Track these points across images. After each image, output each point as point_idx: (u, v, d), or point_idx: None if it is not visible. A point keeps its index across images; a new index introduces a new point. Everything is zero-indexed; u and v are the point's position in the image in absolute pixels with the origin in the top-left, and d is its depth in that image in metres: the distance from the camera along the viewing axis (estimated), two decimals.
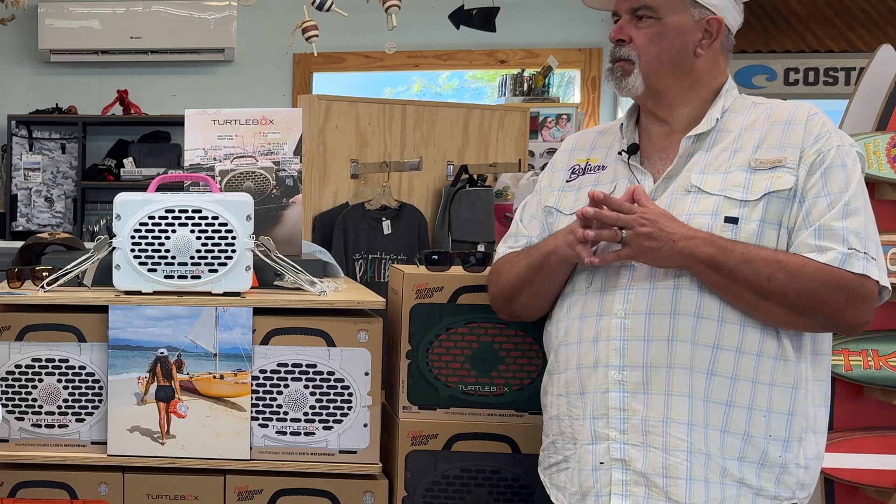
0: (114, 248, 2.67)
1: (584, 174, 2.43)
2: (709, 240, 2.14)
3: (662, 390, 2.20)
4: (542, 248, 2.36)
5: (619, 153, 2.39)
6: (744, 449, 2.19)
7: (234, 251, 2.62)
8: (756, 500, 2.21)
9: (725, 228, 2.18)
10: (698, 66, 2.30)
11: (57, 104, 7.98)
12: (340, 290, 2.77)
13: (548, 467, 2.44)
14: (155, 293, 2.64)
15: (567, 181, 2.46)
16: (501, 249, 2.54)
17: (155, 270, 2.63)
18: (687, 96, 2.32)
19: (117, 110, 7.92)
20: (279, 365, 2.62)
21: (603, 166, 2.42)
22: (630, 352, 2.22)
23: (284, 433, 2.64)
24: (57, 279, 2.74)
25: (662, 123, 2.36)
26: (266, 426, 2.63)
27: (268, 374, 2.63)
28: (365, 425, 2.62)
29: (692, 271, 2.18)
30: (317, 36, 5.30)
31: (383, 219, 5.08)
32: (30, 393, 2.72)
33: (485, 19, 6.61)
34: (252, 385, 2.62)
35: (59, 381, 2.70)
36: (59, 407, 2.71)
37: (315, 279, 2.71)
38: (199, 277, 2.62)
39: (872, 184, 3.33)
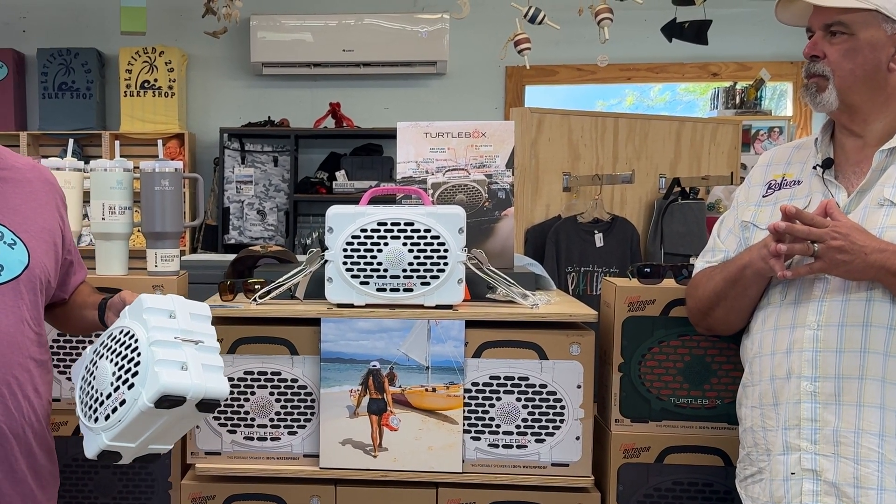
0: (326, 261, 3.35)
1: (779, 189, 3.04)
2: None
3: (854, 401, 2.77)
4: (737, 262, 3.00)
5: (814, 168, 2.99)
6: None
7: (446, 264, 3.29)
8: None
9: None
10: (892, 80, 2.87)
11: (269, 117, 9.17)
12: (553, 303, 3.46)
13: (743, 479, 3.08)
14: (367, 306, 3.33)
15: (763, 196, 3.09)
16: (699, 264, 3.19)
17: (367, 283, 3.31)
18: (881, 111, 2.89)
19: (329, 123, 9.05)
20: (491, 377, 3.30)
21: (798, 181, 3.02)
22: (822, 363, 2.81)
23: (497, 446, 3.31)
24: (269, 292, 3.45)
25: (856, 138, 2.95)
26: (478, 439, 3.32)
27: (480, 387, 3.31)
28: (577, 438, 3.28)
29: (884, 283, 2.75)
30: (529, 48, 6.03)
31: (595, 231, 5.96)
32: (242, 406, 3.41)
33: (697, 32, 7.25)
34: (464, 398, 3.30)
35: (272, 393, 3.39)
36: (272, 420, 3.40)
37: (527, 292, 3.40)
38: (411, 290, 3.30)
39: None
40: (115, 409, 2.82)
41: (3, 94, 9.19)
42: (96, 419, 2.88)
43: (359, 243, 3.30)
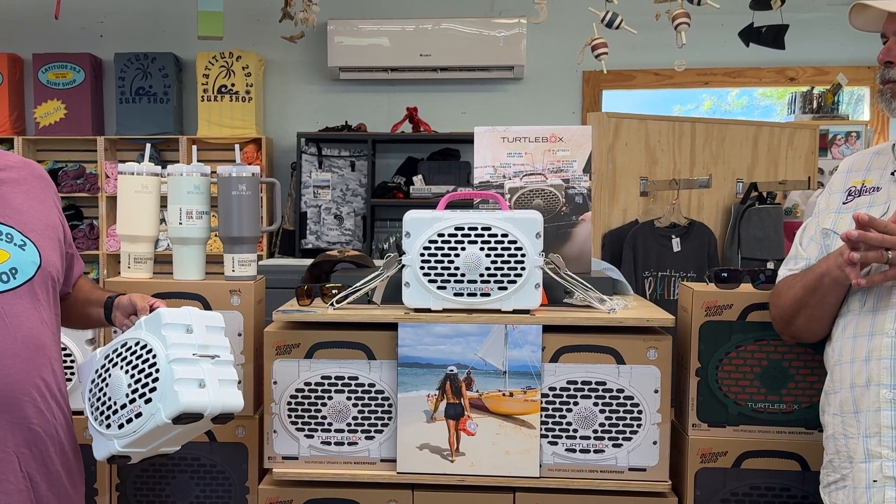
0: (403, 266, 3.41)
1: (859, 196, 3.07)
2: None
3: None
4: (815, 271, 3.03)
5: (892, 174, 3.01)
6: None
7: (523, 269, 3.34)
8: None
9: None
10: None
11: (346, 121, 9.29)
12: (630, 308, 3.52)
13: (826, 485, 3.10)
14: (444, 311, 3.39)
15: (843, 203, 3.11)
16: (782, 272, 3.23)
17: (444, 288, 3.38)
18: None
19: (406, 127, 9.15)
20: (568, 382, 3.36)
21: (877, 187, 3.04)
22: None
23: (574, 451, 3.37)
24: (346, 297, 3.52)
25: None
26: (555, 444, 3.37)
27: (557, 392, 3.36)
28: (654, 443, 3.33)
29: None
30: (606, 53, 6.08)
31: (673, 236, 6.01)
32: (319, 410, 3.47)
33: (774, 37, 7.26)
34: (541, 402, 3.36)
35: (349, 398, 3.46)
36: (349, 424, 3.47)
37: (604, 296, 3.46)
38: (488, 295, 3.36)
39: None
40: (129, 420, 2.93)
41: (81, 99, 9.34)
42: (108, 426, 2.98)
43: (436, 248, 3.36)
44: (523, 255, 3.33)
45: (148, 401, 2.90)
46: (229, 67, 9.04)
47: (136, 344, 3.00)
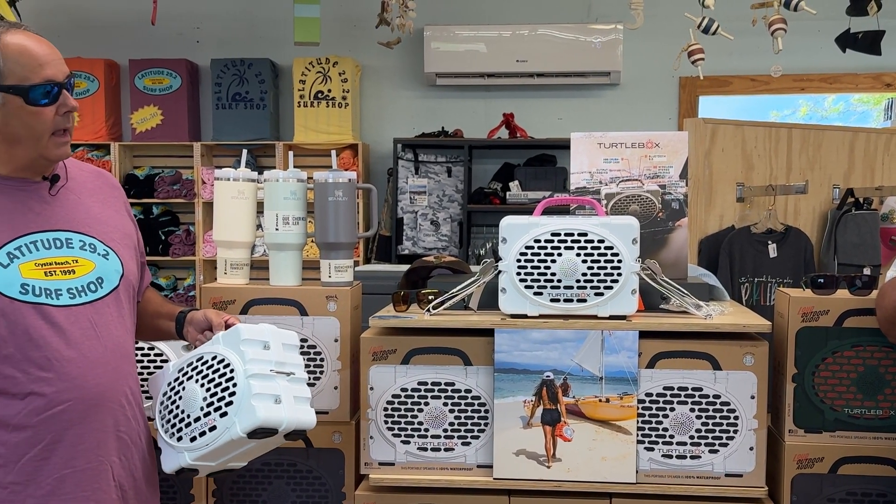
0: (499, 272, 3.47)
1: None
2: None
3: None
4: None
5: None
6: None
7: (619, 274, 3.40)
8: None
9: None
10: None
11: (443, 127, 9.38)
12: (726, 314, 3.56)
13: None
14: (541, 316, 3.45)
15: None
16: (890, 273, 3.21)
17: (541, 294, 3.43)
18: None
19: (503, 133, 9.21)
20: (665, 388, 3.41)
21: None
22: None
23: (670, 456, 3.42)
24: (443, 303, 3.58)
25: None
26: (652, 449, 3.42)
27: (654, 398, 3.42)
28: (751, 448, 3.37)
29: None
30: (703, 59, 6.11)
31: (769, 242, 6.07)
32: (416, 416, 3.54)
33: (870, 43, 7.26)
34: (638, 408, 3.40)
35: (445, 404, 3.53)
36: (445, 430, 3.54)
37: (701, 302, 3.50)
38: (584, 301, 3.42)
39: None
40: (202, 433, 3.02)
41: (177, 105, 9.47)
42: (179, 438, 3.07)
43: (532, 254, 3.41)
44: (620, 261, 3.37)
45: (223, 414, 3.00)
46: (326, 73, 9.14)
47: (213, 358, 3.10)
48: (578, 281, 3.39)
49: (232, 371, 3.03)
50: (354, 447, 3.69)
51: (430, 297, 3.60)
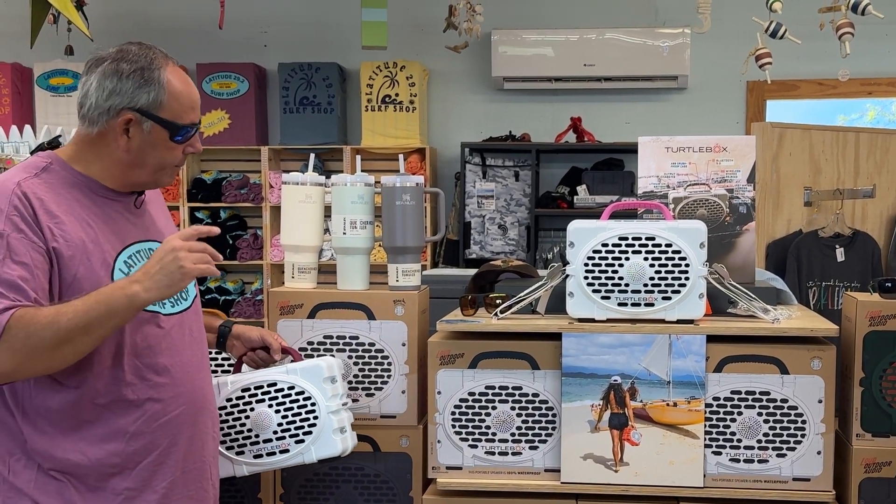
0: (567, 276, 3.51)
1: None
2: None
3: None
4: None
5: None
6: None
7: (687, 279, 3.43)
8: None
9: None
10: None
11: (510, 131, 9.35)
12: (794, 318, 3.59)
13: None
14: (608, 321, 3.49)
15: None
16: None
17: (608, 298, 3.47)
18: None
19: (570, 137, 9.18)
20: (732, 392, 3.43)
21: None
22: None
23: (738, 460, 3.44)
24: (510, 307, 3.62)
25: None
26: (719, 453, 3.45)
27: (721, 402, 3.44)
28: (818, 453, 3.40)
29: None
30: (770, 63, 6.10)
31: (837, 246, 6.09)
32: (483, 420, 3.58)
33: None
34: (705, 412, 3.43)
35: (513, 408, 3.57)
36: (513, 434, 3.58)
37: (768, 306, 3.52)
38: (652, 305, 3.45)
39: None
40: (271, 454, 3.31)
41: (245, 109, 9.52)
42: (241, 453, 3.34)
43: (600, 258, 3.45)
44: (687, 265, 3.40)
45: (300, 441, 3.27)
46: (393, 77, 9.18)
47: (292, 389, 3.32)
48: (646, 285, 3.43)
49: (314, 405, 3.29)
50: (422, 451, 3.73)
51: (497, 301, 3.64)
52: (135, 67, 2.99)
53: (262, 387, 3.32)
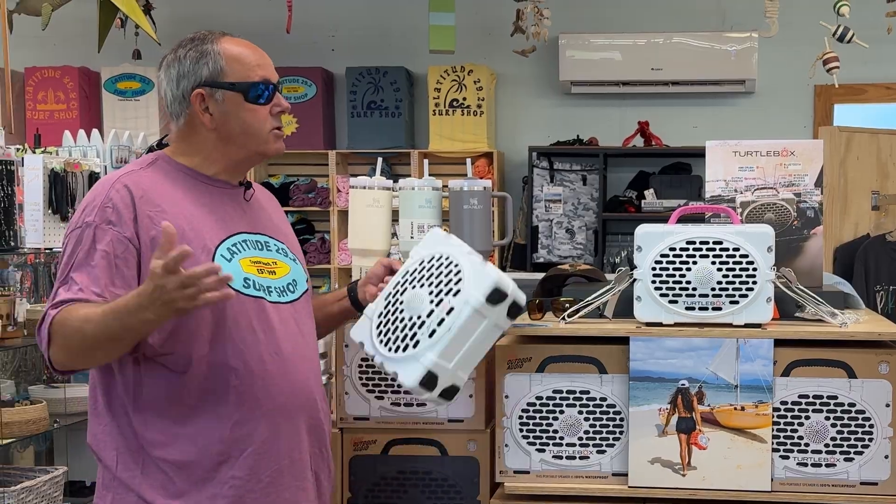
0: (635, 280, 3.53)
1: None
2: None
3: None
4: None
5: None
6: None
7: (754, 283, 3.44)
8: None
9: None
10: None
11: (578, 135, 9.41)
12: (861, 322, 3.61)
13: None
14: (676, 325, 3.51)
15: None
16: None
17: (676, 302, 3.50)
18: None
19: (637, 142, 9.25)
20: (800, 396, 3.45)
21: None
22: None
23: (805, 464, 3.46)
24: (578, 311, 3.64)
25: None
26: (787, 457, 3.47)
27: (788, 406, 3.46)
28: (886, 457, 3.42)
29: None
30: (838, 67, 6.11)
31: None
32: (550, 424, 3.60)
33: None
34: (773, 416, 3.44)
35: (580, 412, 3.59)
36: (580, 438, 3.59)
37: (836, 310, 3.53)
38: (719, 309, 3.47)
39: None
40: (441, 321, 3.07)
41: (312, 113, 9.59)
42: (416, 343, 3.10)
43: (668, 262, 3.47)
44: (755, 269, 3.42)
45: (457, 293, 3.07)
46: (461, 81, 9.21)
47: (421, 262, 3.22)
48: (713, 289, 3.44)
49: (448, 258, 3.16)
50: (489, 455, 3.74)
51: (565, 306, 3.66)
52: (189, 48, 3.13)
53: (395, 287, 3.25)
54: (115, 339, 2.83)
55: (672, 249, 3.47)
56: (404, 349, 3.14)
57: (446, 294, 3.09)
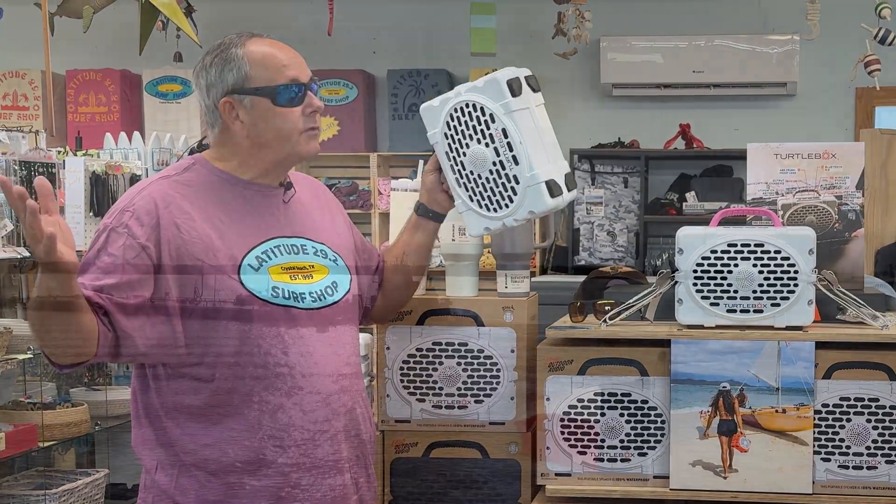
0: (676, 282, 3.55)
1: None
2: None
3: None
4: None
5: None
6: None
7: (796, 285, 3.45)
8: None
9: None
10: None
11: (619, 138, 9.44)
12: None
13: None
14: (717, 327, 3.51)
15: None
16: None
17: (717, 304, 3.50)
18: None
19: (679, 144, 9.23)
20: (841, 399, 3.44)
21: None
22: None
23: (847, 467, 3.46)
24: (619, 313, 3.65)
25: None
26: (828, 460, 3.47)
27: (830, 409, 3.46)
28: None
29: None
30: (879, 70, 6.11)
31: None
32: (592, 427, 3.60)
33: None
34: (814, 419, 3.45)
35: (622, 415, 3.59)
36: (622, 441, 3.60)
37: (877, 313, 3.54)
38: (761, 311, 3.48)
39: None
40: (508, 146, 3.33)
41: (354, 116, 9.64)
42: (516, 179, 3.30)
43: (709, 264, 3.47)
44: (796, 272, 3.42)
45: (492, 117, 3.38)
46: None
47: (446, 135, 3.58)
48: (755, 291, 3.45)
49: (461, 107, 3.47)
50: (531, 458, 3.74)
51: (606, 308, 3.66)
52: (215, 55, 3.13)
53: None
54: (44, 305, 2.77)
55: (713, 252, 3.47)
56: (514, 192, 3.29)
57: (489, 126, 3.32)
